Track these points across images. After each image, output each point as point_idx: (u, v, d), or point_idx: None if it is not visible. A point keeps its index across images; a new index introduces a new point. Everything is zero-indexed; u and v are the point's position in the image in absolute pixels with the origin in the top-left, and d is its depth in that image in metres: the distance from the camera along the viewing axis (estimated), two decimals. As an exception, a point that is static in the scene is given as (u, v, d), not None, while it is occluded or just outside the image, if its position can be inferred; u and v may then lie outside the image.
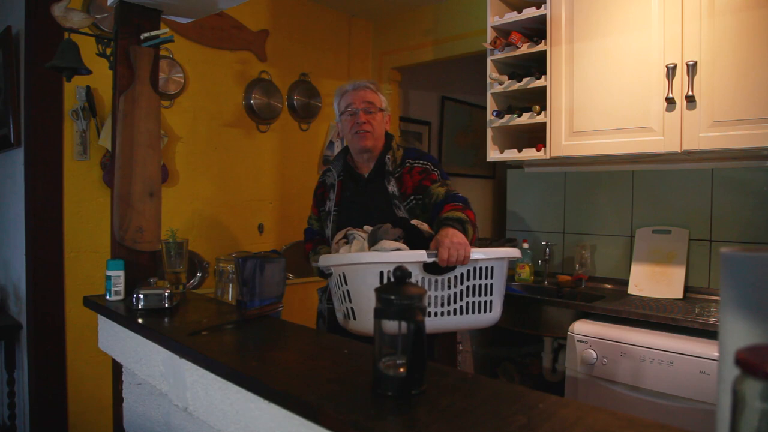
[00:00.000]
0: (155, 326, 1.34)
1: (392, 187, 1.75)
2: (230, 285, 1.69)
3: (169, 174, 2.68)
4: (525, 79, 2.45)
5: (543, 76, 2.38)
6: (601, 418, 0.76)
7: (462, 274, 1.48)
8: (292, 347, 1.21)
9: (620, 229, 2.57)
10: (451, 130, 4.44)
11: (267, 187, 3.14)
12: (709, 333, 1.78)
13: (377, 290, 0.85)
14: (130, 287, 1.59)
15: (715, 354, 1.34)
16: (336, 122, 1.91)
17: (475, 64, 3.16)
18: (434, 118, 4.32)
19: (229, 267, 1.67)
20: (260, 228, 3.09)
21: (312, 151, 3.38)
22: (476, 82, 3.58)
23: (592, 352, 1.96)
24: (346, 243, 1.65)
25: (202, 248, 2.79)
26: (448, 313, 1.48)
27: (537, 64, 2.46)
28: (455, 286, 1.47)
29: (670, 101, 2.00)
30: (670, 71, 2.00)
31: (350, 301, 1.47)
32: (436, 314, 1.46)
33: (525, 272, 2.67)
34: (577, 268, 2.63)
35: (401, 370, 0.83)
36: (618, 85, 2.16)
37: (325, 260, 1.52)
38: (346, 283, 1.46)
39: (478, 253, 1.47)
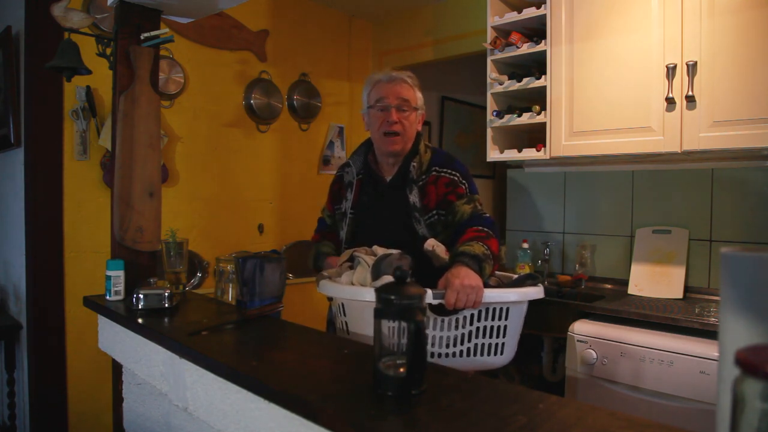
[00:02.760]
0: (155, 326, 1.34)
1: (414, 198, 1.58)
2: (230, 285, 1.69)
3: (169, 174, 2.68)
4: (525, 79, 2.45)
5: (543, 76, 2.38)
6: (601, 418, 0.76)
7: (472, 315, 1.34)
8: (292, 347, 1.21)
9: (620, 229, 2.57)
10: (451, 130, 4.44)
11: (267, 187, 3.14)
12: (709, 333, 1.78)
13: (377, 290, 0.85)
14: (130, 287, 1.58)
15: (715, 354, 1.34)
16: (362, 113, 1.72)
17: (475, 64, 3.15)
18: (434, 118, 4.32)
19: (229, 267, 1.66)
20: (260, 228, 3.09)
21: (312, 151, 3.38)
22: (476, 82, 3.57)
23: (592, 352, 1.96)
24: (350, 267, 1.50)
25: (202, 248, 2.79)
26: (453, 354, 1.34)
27: (537, 64, 2.46)
28: (463, 327, 1.34)
29: (670, 101, 2.00)
30: (670, 71, 2.00)
31: (348, 333, 1.40)
32: (439, 355, 1.32)
33: (525, 272, 2.67)
34: (577, 268, 2.63)
35: (401, 370, 0.83)
36: (618, 85, 2.16)
37: (325, 289, 1.43)
38: (344, 314, 1.41)
39: (492, 296, 1.33)
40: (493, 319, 1.36)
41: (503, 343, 1.39)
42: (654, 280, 2.32)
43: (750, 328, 0.51)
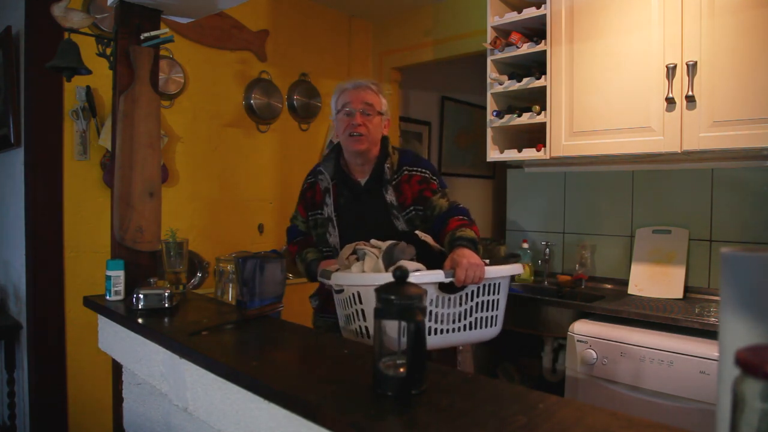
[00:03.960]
0: (155, 326, 1.34)
1: (390, 197, 1.70)
2: (230, 285, 1.69)
3: (169, 174, 2.68)
4: (525, 79, 2.45)
5: (543, 76, 2.38)
6: (601, 418, 0.76)
7: (472, 291, 1.50)
8: (292, 347, 1.21)
9: (620, 229, 2.57)
10: (451, 130, 4.44)
11: (267, 187, 3.14)
12: (709, 333, 1.78)
13: (377, 290, 0.85)
14: (130, 287, 1.59)
15: (715, 354, 1.34)
16: (332, 120, 1.84)
17: (475, 64, 3.16)
18: (434, 118, 4.32)
19: (229, 267, 1.66)
20: (260, 228, 3.09)
21: (312, 151, 3.38)
22: (476, 82, 3.58)
23: (592, 352, 1.96)
24: (357, 260, 1.58)
25: (202, 248, 2.79)
26: (457, 329, 1.50)
27: (537, 64, 2.46)
28: (465, 303, 1.49)
29: (670, 101, 2.00)
30: (670, 71, 2.00)
31: (364, 320, 1.44)
32: (446, 331, 1.47)
33: (525, 272, 2.67)
34: (577, 268, 2.63)
35: (401, 370, 0.83)
36: (618, 85, 2.16)
37: (342, 279, 1.46)
38: (360, 303, 1.43)
39: (491, 271, 1.49)
40: (488, 294, 1.52)
41: (496, 316, 1.56)
42: (654, 280, 2.32)
43: (750, 328, 0.51)
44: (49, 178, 2.33)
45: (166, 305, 1.50)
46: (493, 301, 1.53)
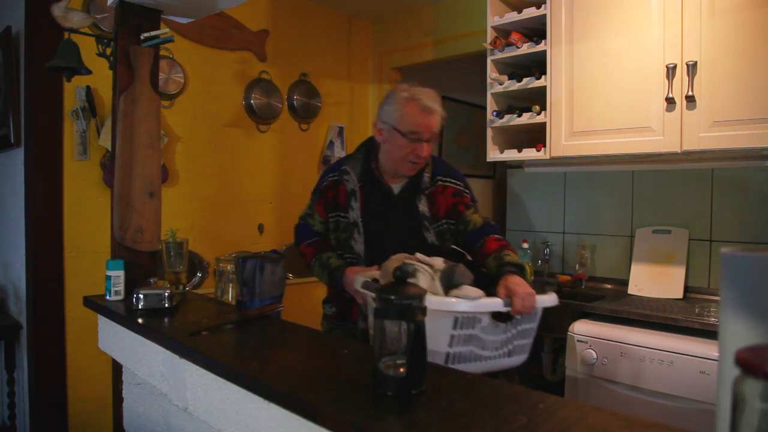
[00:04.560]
0: (155, 326, 1.34)
1: (423, 207, 1.64)
2: (230, 285, 1.69)
3: (169, 174, 2.68)
4: (525, 79, 2.45)
5: (543, 76, 2.38)
6: (601, 418, 0.76)
7: (517, 318, 1.45)
8: (292, 347, 1.21)
9: (620, 229, 2.57)
10: (451, 130, 4.44)
11: (267, 187, 3.14)
12: (709, 333, 1.78)
13: (377, 290, 0.85)
14: (130, 287, 1.58)
15: (715, 354, 1.34)
16: (379, 124, 1.64)
17: (475, 64, 3.15)
18: (434, 118, 4.31)
19: (229, 267, 1.66)
20: (260, 228, 3.09)
21: (312, 151, 3.38)
22: (476, 82, 3.57)
23: (592, 352, 1.96)
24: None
25: (202, 248, 2.79)
26: (497, 356, 1.45)
27: (537, 64, 2.46)
28: (508, 331, 1.44)
29: (670, 101, 2.00)
30: (670, 71, 2.00)
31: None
32: (489, 358, 1.43)
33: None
34: (577, 268, 2.63)
35: (401, 370, 0.83)
36: (618, 85, 2.16)
37: (438, 304, 1.32)
38: None
39: (540, 300, 1.45)
40: (528, 322, 1.47)
41: (530, 344, 1.51)
42: (654, 280, 2.32)
43: (750, 328, 0.51)
44: (49, 178, 2.33)
45: (166, 305, 1.50)
46: (531, 329, 1.49)
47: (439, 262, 1.47)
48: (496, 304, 1.38)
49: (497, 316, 1.41)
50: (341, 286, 1.60)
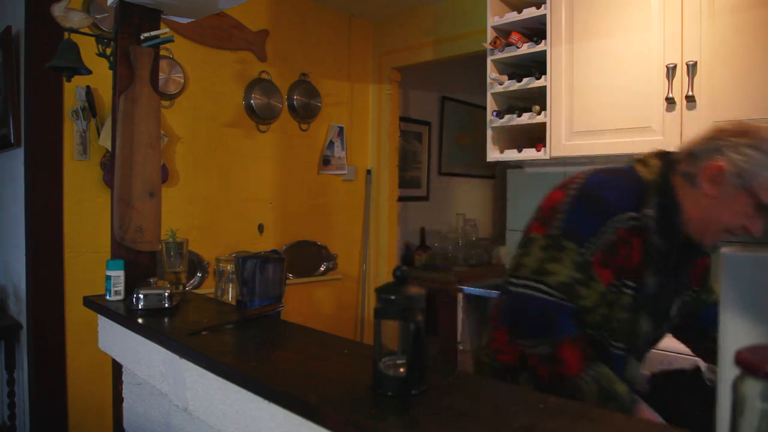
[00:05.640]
0: (155, 326, 1.34)
1: (684, 277, 1.29)
2: (230, 285, 1.68)
3: (169, 174, 2.68)
4: (525, 79, 2.45)
5: (543, 76, 2.38)
6: (601, 417, 0.76)
7: None
8: (292, 347, 1.21)
9: (620, 229, 2.56)
10: (451, 130, 4.44)
11: (267, 187, 3.14)
12: (709, 333, 1.78)
13: (377, 290, 0.85)
14: (130, 287, 1.58)
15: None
16: (726, 176, 1.11)
17: (475, 64, 3.15)
18: (434, 118, 4.32)
19: (229, 267, 1.66)
20: (260, 228, 3.09)
21: (312, 151, 3.38)
22: (476, 82, 3.57)
23: (592, 352, 1.95)
24: None
25: (202, 248, 2.79)
26: None
27: (537, 64, 2.46)
28: None
29: (670, 101, 2.00)
30: (670, 71, 2.00)
31: None
32: None
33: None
34: (577, 268, 2.63)
35: (401, 370, 0.83)
36: (618, 85, 2.16)
37: None
38: None
39: None
40: None
41: None
42: (654, 280, 2.32)
43: (750, 328, 0.51)
44: (49, 178, 2.33)
45: (166, 305, 1.50)
46: None
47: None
48: None
49: None
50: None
